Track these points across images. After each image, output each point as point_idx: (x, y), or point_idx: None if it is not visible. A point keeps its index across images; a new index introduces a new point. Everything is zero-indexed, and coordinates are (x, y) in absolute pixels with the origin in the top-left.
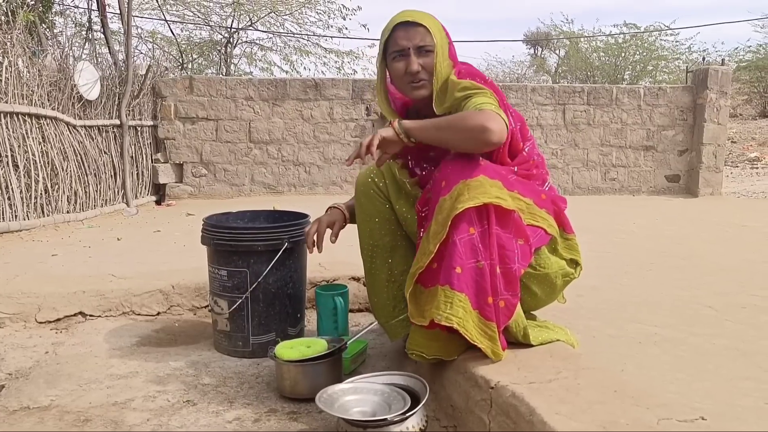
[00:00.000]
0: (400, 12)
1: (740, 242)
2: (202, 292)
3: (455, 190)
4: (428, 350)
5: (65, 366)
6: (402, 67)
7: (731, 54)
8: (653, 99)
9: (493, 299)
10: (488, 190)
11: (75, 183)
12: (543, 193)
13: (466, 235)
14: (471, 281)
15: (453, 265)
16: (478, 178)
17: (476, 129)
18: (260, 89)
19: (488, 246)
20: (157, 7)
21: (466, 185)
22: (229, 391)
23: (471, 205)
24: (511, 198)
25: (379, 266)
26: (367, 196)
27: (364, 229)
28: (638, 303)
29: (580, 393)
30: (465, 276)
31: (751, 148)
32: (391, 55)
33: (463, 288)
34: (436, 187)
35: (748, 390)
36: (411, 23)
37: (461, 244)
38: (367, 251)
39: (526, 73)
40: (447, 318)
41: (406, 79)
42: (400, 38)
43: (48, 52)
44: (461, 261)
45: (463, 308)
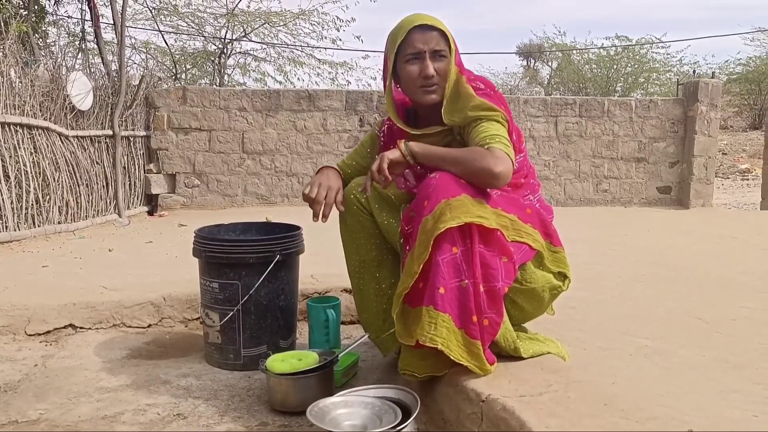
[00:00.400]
0: (415, 14)
1: (731, 254)
2: (193, 304)
3: (437, 209)
4: (419, 369)
5: (54, 379)
6: (416, 71)
7: (722, 66)
8: (644, 111)
9: (477, 318)
10: (470, 209)
11: (66, 193)
12: (528, 207)
13: (448, 254)
14: (455, 301)
15: (436, 285)
16: (459, 197)
17: (484, 172)
18: (254, 100)
19: (471, 265)
20: (151, 18)
21: (448, 204)
22: (220, 405)
23: (452, 225)
24: (495, 215)
25: (368, 281)
26: (350, 212)
27: (351, 245)
28: (629, 315)
29: (570, 406)
30: (448, 296)
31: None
32: (404, 57)
33: (446, 308)
34: (419, 206)
35: (738, 403)
36: (428, 27)
37: (444, 264)
38: (355, 267)
39: (519, 85)
40: (431, 339)
41: (419, 83)
42: (416, 41)
43: (40, 62)
44: (444, 281)
45: (446, 328)
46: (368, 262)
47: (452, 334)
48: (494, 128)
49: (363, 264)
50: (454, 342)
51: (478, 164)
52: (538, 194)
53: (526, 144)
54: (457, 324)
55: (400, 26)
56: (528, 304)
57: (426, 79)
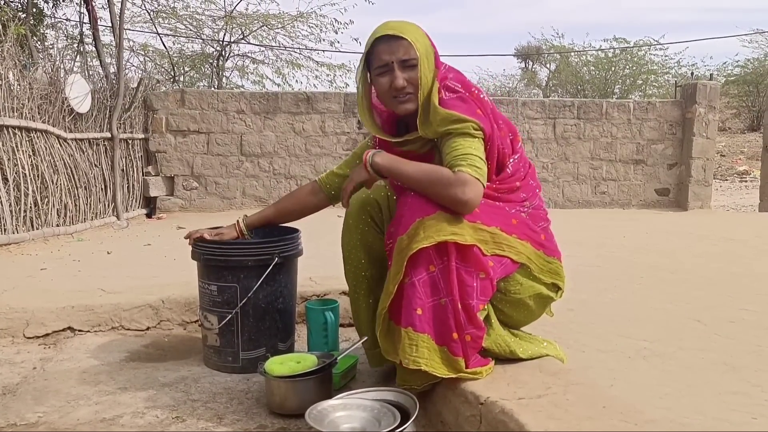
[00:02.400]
0: (382, 24)
1: (729, 256)
2: (192, 307)
3: (411, 228)
4: (416, 382)
5: (53, 382)
6: (387, 83)
7: (720, 68)
8: (643, 113)
9: (458, 334)
10: (443, 228)
11: (65, 196)
12: (514, 217)
13: (425, 274)
14: (433, 320)
15: (413, 306)
16: (434, 216)
17: (450, 200)
18: (252, 102)
19: (449, 282)
20: (149, 20)
21: (422, 223)
22: (219, 407)
23: (426, 245)
24: (472, 230)
25: (362, 296)
26: (359, 224)
27: (352, 260)
28: (628, 317)
29: (569, 409)
30: (426, 316)
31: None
32: (375, 71)
33: (424, 328)
34: (395, 223)
35: (736, 405)
36: (393, 36)
37: (420, 285)
38: (351, 280)
39: (517, 87)
40: (414, 361)
41: (391, 94)
42: (382, 52)
43: (39, 65)
44: (421, 302)
45: (427, 348)
46: (367, 278)
47: (434, 352)
48: (465, 145)
49: (360, 280)
50: (437, 360)
51: (444, 191)
52: (537, 198)
53: (525, 145)
54: (437, 342)
55: (368, 38)
56: (515, 313)
57: (397, 91)
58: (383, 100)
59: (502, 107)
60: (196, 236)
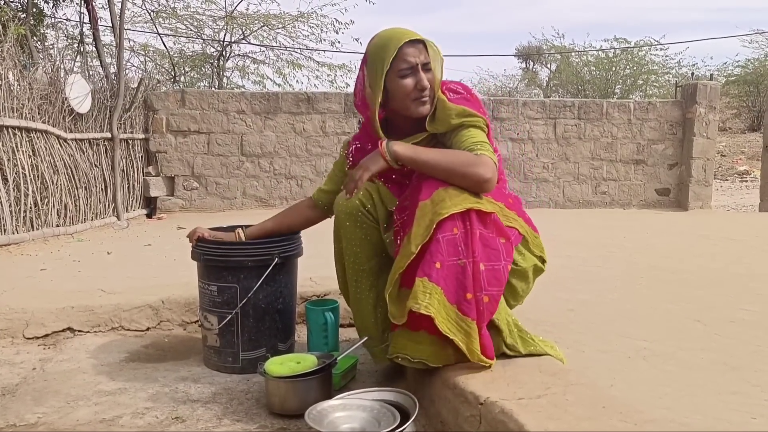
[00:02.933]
0: (396, 30)
1: (729, 256)
2: (192, 307)
3: (436, 195)
4: (413, 352)
5: (53, 383)
6: (411, 84)
7: (720, 68)
8: (643, 113)
9: (473, 295)
10: (467, 197)
11: (65, 196)
12: (510, 197)
13: (449, 233)
14: (450, 277)
15: (433, 260)
16: (453, 187)
17: (475, 177)
18: (252, 102)
19: (470, 245)
20: (150, 21)
21: (447, 192)
22: (219, 408)
23: (455, 210)
24: (488, 202)
25: (365, 291)
26: (354, 218)
27: (349, 255)
28: (628, 317)
29: (568, 409)
30: (443, 271)
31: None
32: (399, 72)
33: (439, 281)
34: (415, 192)
35: (736, 404)
36: (417, 41)
37: (444, 242)
38: (352, 277)
39: (518, 87)
40: (425, 307)
41: (414, 95)
42: (409, 55)
43: (39, 65)
44: (442, 257)
45: (438, 301)
46: (367, 271)
47: (443, 307)
48: (478, 135)
49: (361, 273)
50: (444, 315)
51: (470, 169)
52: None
53: (526, 146)
54: (451, 300)
55: (387, 43)
56: (519, 284)
57: (420, 92)
58: (400, 102)
59: (502, 107)
60: (197, 236)
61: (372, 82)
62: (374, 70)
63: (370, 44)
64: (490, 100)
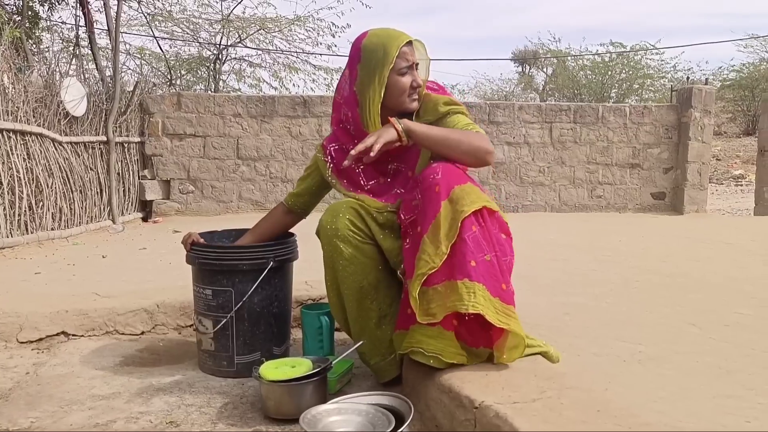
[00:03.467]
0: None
1: (724, 259)
2: (187, 311)
3: (453, 194)
4: (428, 346)
5: (46, 387)
6: (409, 81)
7: (716, 73)
8: (639, 117)
9: (506, 286)
10: (480, 195)
11: (60, 200)
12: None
13: (471, 232)
14: (485, 272)
15: (467, 259)
16: (468, 185)
17: (482, 150)
18: (248, 106)
19: (489, 240)
20: (146, 24)
21: (463, 190)
22: (213, 412)
23: (475, 208)
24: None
25: (368, 306)
26: (345, 239)
27: (345, 276)
28: (623, 321)
29: (563, 413)
30: (479, 268)
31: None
32: (399, 71)
33: (480, 279)
34: (429, 192)
35: (731, 408)
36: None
37: (470, 240)
38: (353, 295)
39: (514, 91)
40: (473, 306)
41: (409, 92)
42: (408, 54)
43: (34, 68)
44: (473, 255)
45: (483, 296)
46: (366, 286)
47: (489, 302)
48: (466, 120)
49: (362, 290)
50: (492, 309)
51: (477, 143)
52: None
53: (522, 149)
54: (492, 293)
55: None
56: None
57: (415, 89)
58: (396, 99)
59: (498, 111)
60: (192, 240)
61: (370, 79)
62: (374, 68)
63: (364, 43)
64: (487, 104)
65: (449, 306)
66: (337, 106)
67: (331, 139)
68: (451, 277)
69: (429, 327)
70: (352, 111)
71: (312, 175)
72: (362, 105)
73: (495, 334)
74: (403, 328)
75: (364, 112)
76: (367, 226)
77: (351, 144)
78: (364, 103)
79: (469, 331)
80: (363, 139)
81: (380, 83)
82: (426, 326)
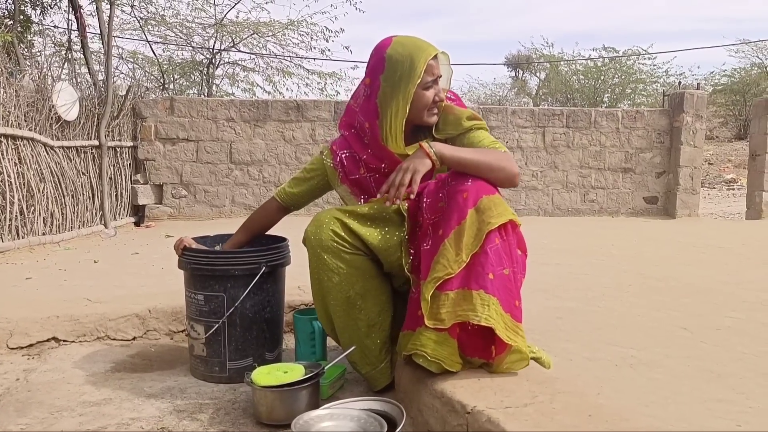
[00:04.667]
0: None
1: (716, 264)
2: (179, 317)
3: (481, 203)
4: (432, 351)
5: (36, 393)
6: (431, 95)
7: (707, 78)
8: (631, 122)
9: (518, 303)
10: (507, 208)
11: (51, 204)
12: None
13: (494, 244)
14: (501, 287)
15: (486, 271)
16: (496, 196)
17: (512, 174)
18: (242, 110)
19: (509, 254)
20: (139, 28)
21: (491, 201)
22: (205, 418)
23: (502, 221)
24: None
25: (356, 316)
26: (329, 250)
27: (331, 286)
28: (615, 325)
29: (554, 417)
30: (496, 282)
31: (727, 170)
32: (426, 84)
33: (495, 292)
34: (457, 197)
35: (722, 412)
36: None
37: (492, 253)
38: (340, 306)
39: (508, 96)
40: (486, 319)
41: (431, 106)
42: (434, 68)
43: (26, 72)
44: (492, 268)
45: (496, 311)
46: (353, 296)
47: (500, 317)
48: (489, 136)
49: (348, 300)
50: (502, 324)
51: (504, 164)
52: None
53: (515, 154)
54: (505, 308)
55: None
56: None
57: (437, 103)
58: (419, 112)
59: (492, 116)
60: (184, 245)
61: (394, 93)
62: (399, 81)
63: (389, 53)
64: (480, 108)
65: (460, 314)
66: (351, 111)
67: (342, 144)
68: (466, 285)
69: (436, 332)
70: (370, 122)
71: (316, 178)
72: (383, 118)
73: (498, 348)
74: (410, 329)
75: (385, 125)
76: (355, 236)
77: (365, 153)
78: (385, 117)
79: (471, 341)
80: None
81: (405, 98)
82: (433, 330)
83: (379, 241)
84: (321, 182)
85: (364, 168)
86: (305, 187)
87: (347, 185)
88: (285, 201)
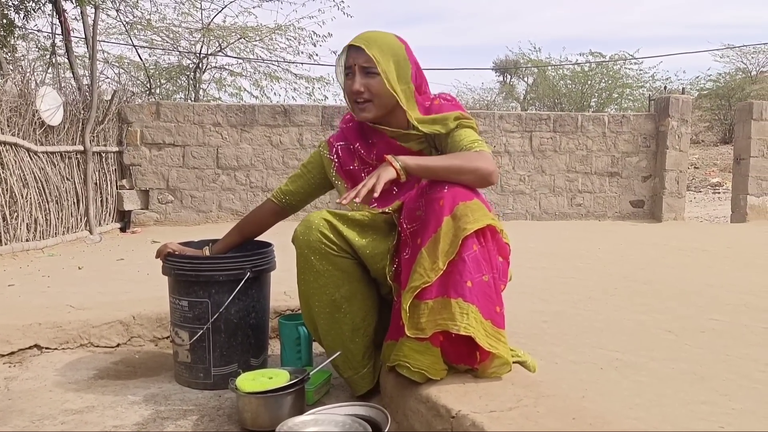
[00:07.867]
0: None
1: (701, 267)
2: (163, 323)
3: (457, 210)
4: (415, 361)
5: (17, 401)
6: (348, 86)
7: (693, 82)
8: (617, 126)
9: (499, 309)
10: (486, 213)
11: (35, 210)
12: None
13: (471, 251)
14: (480, 294)
15: (464, 279)
16: (475, 201)
17: (480, 172)
18: (228, 115)
19: (488, 261)
20: (125, 32)
21: (468, 207)
22: (189, 425)
23: (478, 227)
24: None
25: (341, 319)
26: (317, 251)
27: (316, 288)
28: (601, 328)
29: (539, 421)
30: (475, 289)
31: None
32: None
33: (474, 300)
34: (433, 205)
35: (705, 414)
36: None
37: (469, 260)
38: (324, 308)
39: (496, 100)
40: (465, 328)
41: (351, 98)
42: (349, 58)
43: (8, 76)
44: (471, 275)
45: (475, 319)
46: (338, 299)
47: (480, 324)
48: (473, 134)
49: (333, 303)
50: (482, 332)
51: (475, 164)
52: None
53: (503, 158)
54: (484, 315)
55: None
56: None
57: (354, 95)
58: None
59: (479, 120)
60: (167, 251)
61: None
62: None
63: None
64: (468, 113)
65: (440, 323)
66: None
67: (339, 137)
68: (445, 294)
69: (417, 341)
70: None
71: (311, 172)
72: None
73: (482, 355)
74: (393, 339)
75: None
76: (343, 239)
77: (357, 142)
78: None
79: (454, 349)
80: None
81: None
82: (414, 340)
83: (365, 246)
84: (317, 177)
85: (358, 160)
86: (301, 182)
87: (342, 177)
88: (281, 201)
